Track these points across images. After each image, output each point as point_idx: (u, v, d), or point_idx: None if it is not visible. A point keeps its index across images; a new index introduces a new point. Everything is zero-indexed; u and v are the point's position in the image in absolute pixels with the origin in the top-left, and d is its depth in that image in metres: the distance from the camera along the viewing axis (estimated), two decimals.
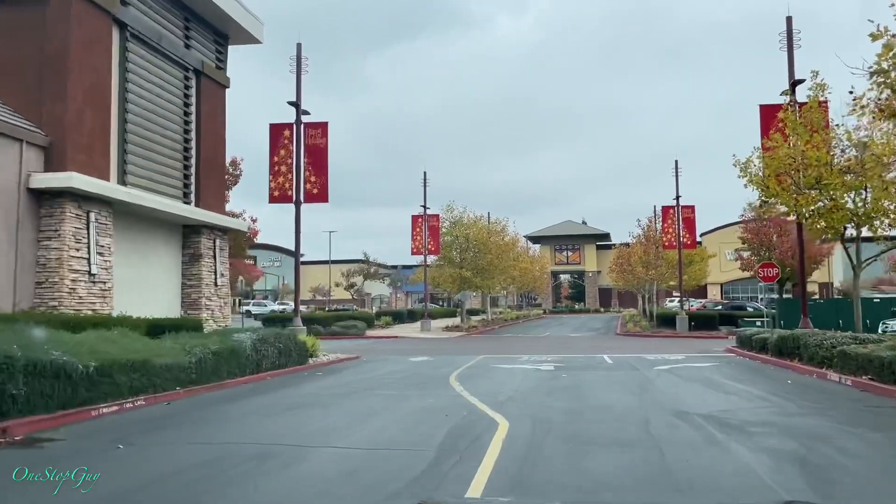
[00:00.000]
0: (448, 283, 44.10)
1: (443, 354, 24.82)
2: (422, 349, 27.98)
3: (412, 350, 27.31)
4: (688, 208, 40.37)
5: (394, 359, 22.91)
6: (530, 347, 28.31)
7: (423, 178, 42.71)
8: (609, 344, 30.23)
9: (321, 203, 22.91)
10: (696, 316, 39.58)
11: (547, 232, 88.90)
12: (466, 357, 22.77)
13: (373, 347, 29.41)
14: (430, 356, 23.82)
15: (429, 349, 27.98)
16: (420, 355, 24.15)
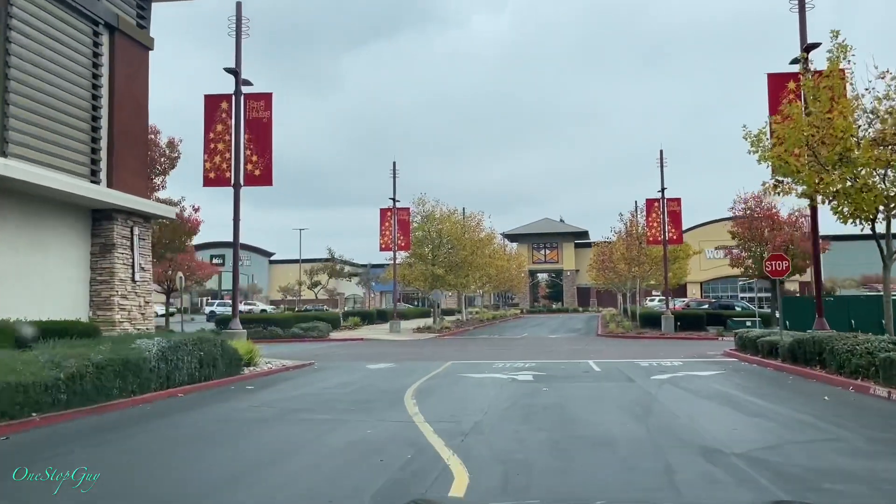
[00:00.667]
0: (419, 281, 41.00)
1: (407, 360, 21.74)
2: (386, 353, 24.88)
3: (375, 355, 24.19)
4: (673, 201, 37.67)
5: (350, 366, 19.78)
6: (506, 351, 25.32)
7: (393, 169, 39.60)
8: (592, 347, 27.33)
9: (263, 186, 19.70)
10: (681, 316, 36.90)
11: (524, 230, 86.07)
12: (433, 364, 19.70)
13: (332, 352, 26.23)
14: (393, 362, 20.74)
15: (394, 353, 24.88)
16: (381, 361, 21.04)
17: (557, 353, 24.05)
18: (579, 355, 22.44)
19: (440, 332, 38.98)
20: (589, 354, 22.67)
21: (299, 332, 33.54)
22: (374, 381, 15.52)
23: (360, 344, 31.50)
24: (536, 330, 43.66)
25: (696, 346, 26.29)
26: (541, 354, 23.05)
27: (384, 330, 39.93)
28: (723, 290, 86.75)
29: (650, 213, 37.82)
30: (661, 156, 37.59)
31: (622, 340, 32.23)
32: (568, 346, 28.49)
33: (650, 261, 40.53)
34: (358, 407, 11.32)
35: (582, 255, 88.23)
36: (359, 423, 9.60)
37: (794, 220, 33.29)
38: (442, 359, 21.55)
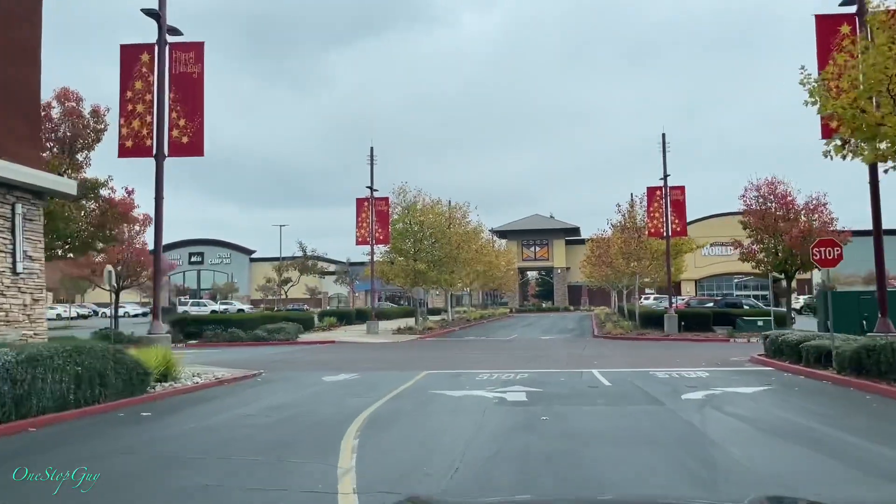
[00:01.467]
0: (400, 277, 37.17)
1: (375, 369, 17.97)
2: (353, 360, 21.08)
3: (340, 362, 20.38)
4: (677, 189, 34.06)
5: (301, 378, 15.98)
6: (493, 357, 21.57)
7: (370, 155, 35.76)
8: (592, 351, 23.62)
9: (194, 157, 15.84)
10: (686, 315, 33.27)
11: (514, 226, 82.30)
12: (403, 375, 15.93)
13: (291, 358, 22.40)
14: (357, 372, 16.95)
15: (362, 360, 21.08)
16: (344, 371, 17.24)
17: (553, 358, 20.32)
18: (580, 362, 18.71)
19: (422, 333, 35.19)
20: (591, 361, 18.95)
21: (263, 335, 29.64)
22: (319, 404, 11.72)
23: (328, 348, 27.64)
24: (527, 330, 39.93)
25: (710, 350, 22.65)
26: (534, 361, 19.31)
27: (361, 331, 36.09)
28: (718, 287, 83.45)
29: (651, 202, 34.16)
30: (664, 140, 33.98)
31: (623, 343, 28.52)
32: (564, 349, 24.77)
33: (650, 255, 36.87)
34: (268, 454, 7.50)
35: (573, 252, 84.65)
36: (241, 499, 5.79)
37: (814, 207, 29.70)
38: (416, 367, 17.78)
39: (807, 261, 29.84)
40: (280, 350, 25.92)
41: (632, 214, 37.53)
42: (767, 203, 30.61)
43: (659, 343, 27.82)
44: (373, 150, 35.81)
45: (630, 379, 14.35)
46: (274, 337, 29.65)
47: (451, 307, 50.03)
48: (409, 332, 35.24)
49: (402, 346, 27.53)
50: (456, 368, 17.57)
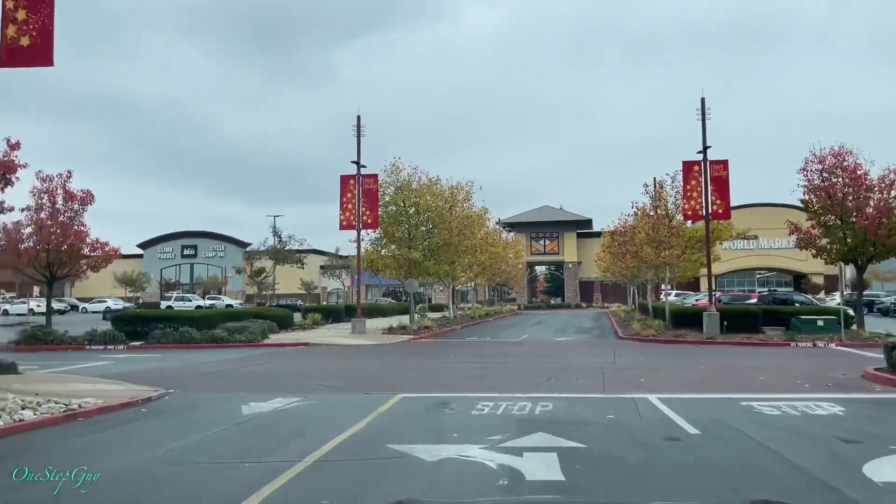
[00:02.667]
0: (392, 268, 31.56)
1: (332, 389, 12.46)
2: (312, 373, 15.54)
3: (291, 377, 14.86)
4: (719, 164, 28.28)
5: (215, 406, 10.57)
6: (499, 368, 15.95)
7: (357, 125, 30.10)
8: (627, 359, 17.95)
9: (37, 67, 10.26)
10: (728, 313, 27.47)
11: (522, 218, 76.35)
12: (364, 402, 10.44)
13: (234, 369, 16.85)
14: (301, 395, 11.43)
15: (324, 373, 15.52)
16: (284, 393, 11.69)
17: (582, 372, 14.66)
18: (623, 380, 13.06)
19: (417, 333, 29.58)
20: (636, 378, 13.31)
21: (222, 336, 24.10)
22: (166, 482, 6.13)
23: (295, 353, 22.05)
24: (538, 330, 34.23)
25: (784, 360, 17.04)
26: (556, 377, 13.67)
27: (346, 331, 30.52)
28: (739, 284, 77.46)
29: (688, 179, 28.36)
30: (703, 105, 28.21)
31: (660, 348, 22.77)
32: (590, 355, 19.08)
33: (683, 243, 31.10)
34: None
35: (585, 246, 78.84)
36: None
37: (892, 182, 23.88)
38: (390, 387, 12.23)
39: (885, 248, 24.20)
40: (233, 356, 20.40)
41: (661, 196, 31.72)
42: (833, 178, 24.83)
43: (707, 349, 22.09)
44: (359, 118, 30.18)
45: (724, 418, 8.72)
46: (234, 338, 24.11)
47: (452, 303, 44.40)
48: (401, 332, 29.65)
49: (387, 351, 21.90)
50: (445, 390, 11.94)
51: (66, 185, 25.35)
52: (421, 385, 12.79)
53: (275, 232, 32.40)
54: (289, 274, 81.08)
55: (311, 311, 37.01)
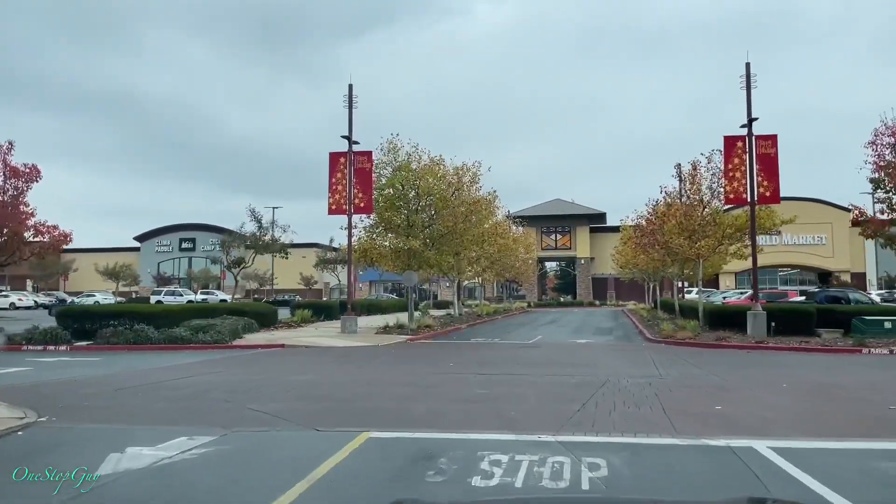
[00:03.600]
0: (388, 259, 27.58)
1: (275, 421, 8.55)
2: (269, 388, 11.63)
3: (240, 393, 10.97)
4: (766, 140, 24.17)
5: (74, 452, 6.93)
6: (511, 386, 11.93)
7: (349, 92, 26.12)
8: (678, 370, 13.90)
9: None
10: (777, 313, 23.32)
11: (532, 211, 71.98)
12: (311, 447, 6.69)
13: (171, 380, 12.95)
14: (222, 433, 7.59)
15: (282, 389, 11.59)
16: (204, 427, 7.87)
17: (623, 392, 10.65)
18: (693, 412, 9.03)
19: (416, 333, 25.61)
20: (712, 408, 9.31)
21: (184, 336, 20.24)
22: None
23: (264, 357, 18.12)
24: (553, 331, 30.21)
25: (879, 371, 12.97)
26: (592, 401, 9.68)
27: (335, 329, 26.61)
28: (761, 282, 72.97)
29: (730, 157, 24.24)
30: (748, 71, 24.10)
31: (706, 354, 18.66)
32: (624, 365, 15.05)
33: (720, 232, 26.94)
34: None
35: (598, 240, 74.61)
36: None
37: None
38: (354, 417, 8.38)
39: None
40: (186, 360, 16.54)
41: (695, 180, 27.52)
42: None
43: (763, 356, 18.06)
44: (351, 87, 26.24)
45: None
46: (198, 338, 20.23)
47: (457, 299, 40.40)
48: (397, 332, 25.70)
49: (376, 355, 17.91)
50: (436, 425, 7.98)
51: (6, 158, 21.58)
52: (403, 413, 8.83)
53: (254, 217, 28.48)
54: (288, 269, 77.43)
55: (302, 307, 33.10)
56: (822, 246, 71.10)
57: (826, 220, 69.50)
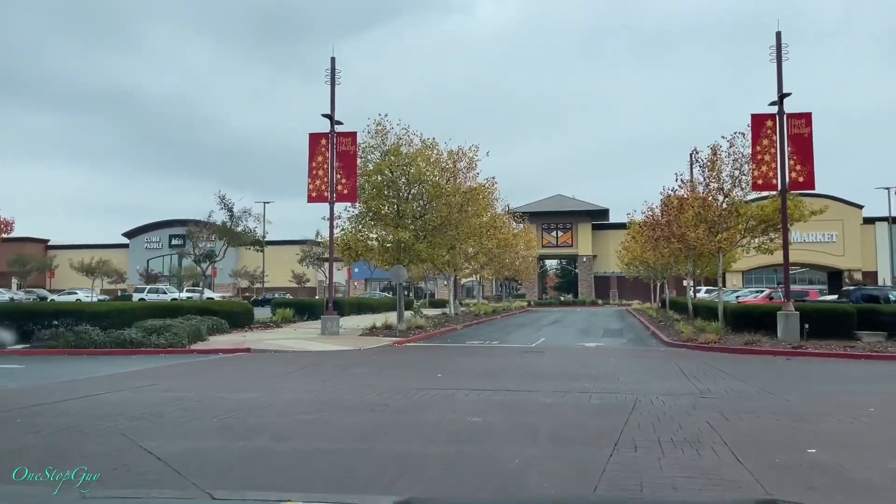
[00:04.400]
0: (376, 252, 24.71)
1: (156, 479, 5.58)
2: (192, 413, 8.74)
3: (146, 419, 8.13)
4: (799, 118, 21.31)
5: None
6: (513, 413, 9.04)
7: (331, 66, 23.26)
8: (726, 391, 11.01)
9: None
10: (812, 314, 20.45)
11: (533, 207, 68.92)
12: None
13: (77, 398, 10.07)
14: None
15: (208, 415, 8.68)
16: (26, 491, 4.81)
17: (664, 420, 7.80)
18: (778, 462, 6.13)
19: (405, 334, 22.76)
20: (804, 451, 6.43)
21: (135, 338, 17.38)
22: None
23: (219, 364, 15.27)
24: (557, 332, 27.38)
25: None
26: (627, 437, 6.81)
27: (315, 331, 23.75)
28: (768, 281, 70.03)
29: (758, 138, 21.38)
30: (779, 41, 21.23)
31: (741, 362, 15.79)
32: (650, 378, 12.19)
33: (743, 223, 24.10)
34: None
35: (601, 238, 71.78)
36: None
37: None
38: (275, 478, 5.41)
39: None
40: (127, 368, 13.76)
41: (715, 166, 24.62)
42: None
43: (810, 364, 15.26)
44: (333, 60, 23.37)
45: None
46: (150, 341, 17.37)
47: (453, 297, 37.56)
48: (384, 333, 22.85)
49: (351, 363, 15.03)
50: (392, 492, 5.08)
51: None
52: (354, 463, 5.96)
53: (224, 205, 25.28)
54: (281, 266, 74.54)
55: (283, 305, 30.23)
56: (832, 244, 68.24)
57: (837, 218, 66.55)
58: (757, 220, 24.37)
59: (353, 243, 24.09)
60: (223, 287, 78.54)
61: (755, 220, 24.32)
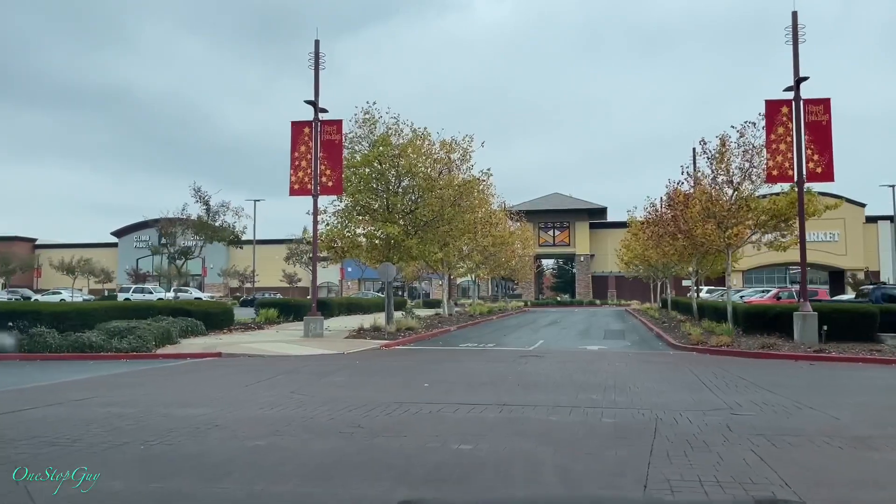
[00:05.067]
0: (363, 249, 23.14)
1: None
2: (99, 437, 7.13)
3: (53, 444, 6.51)
4: (817, 105, 19.80)
5: None
6: (509, 433, 7.49)
7: (315, 49, 21.66)
8: (759, 404, 9.46)
9: None
10: (830, 314, 18.93)
11: (530, 205, 67.20)
12: None
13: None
14: None
15: (116, 446, 7.07)
16: None
17: (700, 454, 6.27)
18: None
19: (394, 336, 21.18)
20: (874, 496, 4.88)
21: (94, 342, 15.78)
22: None
23: (186, 368, 13.69)
24: (556, 333, 25.85)
25: None
26: (660, 475, 5.25)
27: (298, 333, 22.14)
28: (769, 280, 68.54)
29: (773, 126, 19.87)
30: (795, 21, 19.74)
31: (761, 367, 14.26)
32: (671, 389, 10.66)
33: (755, 217, 22.60)
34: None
35: (599, 237, 70.32)
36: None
37: None
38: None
39: None
40: (78, 376, 12.25)
41: (724, 157, 23.10)
42: None
43: (837, 370, 13.76)
44: (318, 43, 21.80)
45: None
46: (111, 345, 15.78)
47: (447, 297, 35.99)
48: (372, 335, 21.27)
49: (328, 372, 13.45)
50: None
51: None
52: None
53: (199, 197, 23.34)
54: (273, 265, 72.86)
55: (267, 305, 28.62)
56: (834, 243, 66.80)
57: (839, 217, 65.06)
58: (769, 215, 22.87)
59: (340, 239, 22.49)
60: (214, 287, 76.82)
61: (766, 214, 22.82)
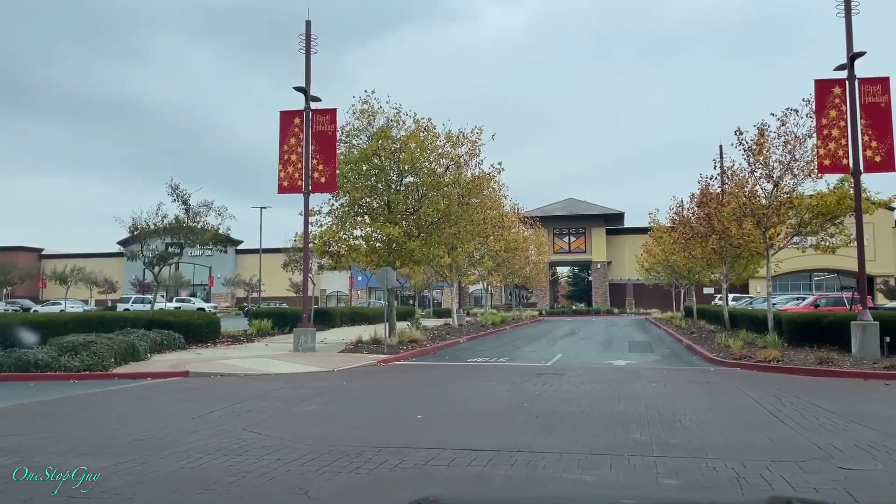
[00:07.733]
0: (361, 253, 20.80)
1: None
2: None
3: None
4: (875, 83, 17.25)
5: None
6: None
7: (306, 30, 19.45)
8: (859, 442, 7.10)
9: None
10: (892, 322, 16.35)
11: (544, 211, 64.68)
12: None
13: None
14: None
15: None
16: None
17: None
18: None
19: (395, 350, 18.77)
20: None
21: (42, 359, 13.54)
22: None
23: (136, 393, 11.39)
24: (574, 345, 23.33)
25: None
26: None
27: (288, 347, 19.79)
28: (793, 288, 65.41)
29: (823, 110, 17.31)
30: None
31: (831, 387, 11.70)
32: (734, 424, 8.22)
33: (799, 215, 20.04)
34: None
35: (616, 243, 67.61)
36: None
37: None
38: None
39: None
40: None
41: (763, 149, 20.50)
42: None
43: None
44: (309, 24, 19.57)
45: None
46: (59, 364, 13.53)
47: (456, 306, 33.54)
48: (370, 349, 18.90)
49: (307, 397, 11.08)
50: None
51: None
52: None
53: (177, 195, 21.39)
54: (279, 274, 70.73)
55: (261, 315, 26.34)
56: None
57: (867, 221, 61.72)
58: (813, 213, 20.29)
59: (335, 242, 20.18)
60: (220, 297, 74.92)
61: (811, 212, 20.24)
